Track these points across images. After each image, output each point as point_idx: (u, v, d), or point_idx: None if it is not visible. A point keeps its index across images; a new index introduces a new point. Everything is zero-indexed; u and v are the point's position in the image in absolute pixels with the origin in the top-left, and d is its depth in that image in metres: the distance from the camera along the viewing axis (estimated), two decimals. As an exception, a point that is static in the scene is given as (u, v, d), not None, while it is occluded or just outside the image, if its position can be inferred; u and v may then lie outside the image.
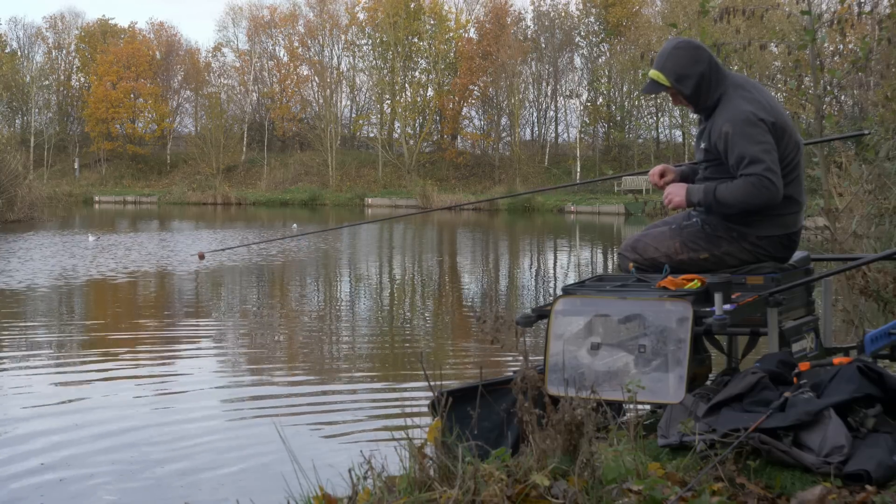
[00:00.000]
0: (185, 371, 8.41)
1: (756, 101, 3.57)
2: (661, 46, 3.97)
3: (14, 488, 5.10)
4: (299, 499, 2.79)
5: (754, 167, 3.49)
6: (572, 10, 61.21)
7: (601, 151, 56.70)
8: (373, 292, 15.16)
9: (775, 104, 3.64)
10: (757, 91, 3.64)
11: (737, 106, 3.56)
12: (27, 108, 63.14)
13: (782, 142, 3.57)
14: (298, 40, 63.02)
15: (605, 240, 28.47)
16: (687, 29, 16.38)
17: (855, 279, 5.82)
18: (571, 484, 2.46)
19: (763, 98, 3.61)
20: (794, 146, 3.62)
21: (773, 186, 3.48)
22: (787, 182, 3.59)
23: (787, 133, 3.59)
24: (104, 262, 17.99)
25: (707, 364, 3.80)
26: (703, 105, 3.66)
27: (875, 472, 2.50)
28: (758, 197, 3.49)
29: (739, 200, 3.52)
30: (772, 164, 3.48)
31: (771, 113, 3.55)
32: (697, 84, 3.60)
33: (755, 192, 3.49)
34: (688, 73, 3.58)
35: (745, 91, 3.61)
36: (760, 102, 3.56)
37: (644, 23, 52.21)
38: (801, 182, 3.68)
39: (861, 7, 7.81)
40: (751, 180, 3.49)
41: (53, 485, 5.15)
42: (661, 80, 3.62)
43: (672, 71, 3.60)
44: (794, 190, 3.63)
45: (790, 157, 3.60)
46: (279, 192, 55.98)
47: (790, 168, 3.60)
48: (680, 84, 3.60)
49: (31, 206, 34.40)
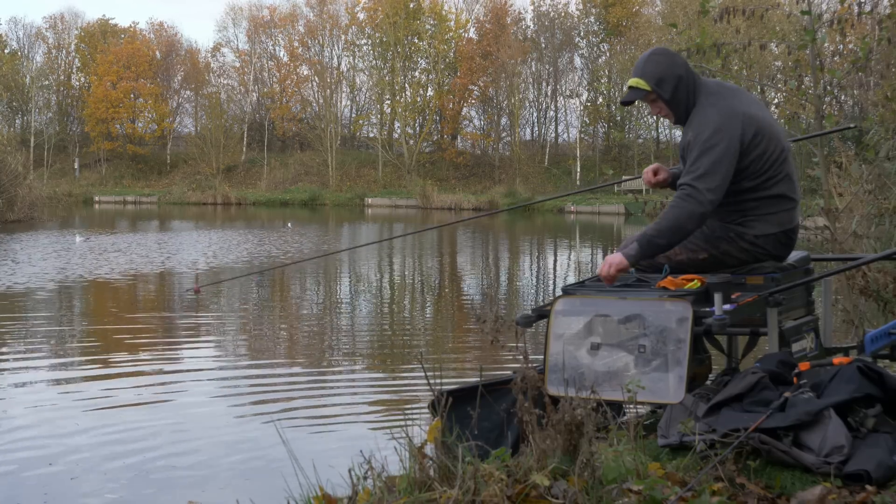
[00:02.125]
0: (186, 371, 8.41)
1: (726, 107, 3.55)
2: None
3: (16, 488, 5.10)
4: (299, 499, 2.79)
5: (682, 179, 3.53)
6: (572, 10, 61.32)
7: (601, 151, 56.70)
8: (373, 292, 15.16)
9: (751, 110, 3.60)
10: (730, 97, 3.63)
11: (704, 115, 3.57)
12: (27, 108, 63.13)
13: (759, 146, 3.55)
14: (298, 40, 63.02)
15: (605, 240, 28.46)
16: (687, 29, 16.37)
17: (855, 279, 5.83)
18: (571, 484, 2.46)
19: (734, 104, 3.58)
20: (777, 146, 3.60)
21: (693, 195, 3.46)
22: (776, 181, 3.60)
23: (766, 135, 3.57)
24: (87, 263, 17.98)
25: (707, 364, 3.80)
26: (682, 111, 3.67)
27: (875, 472, 2.50)
28: (682, 210, 3.47)
29: (667, 226, 3.49)
30: (705, 173, 3.47)
31: (743, 121, 3.53)
32: (675, 87, 3.61)
33: (678, 207, 3.48)
34: (666, 77, 3.60)
35: (716, 98, 3.60)
36: (729, 109, 3.55)
37: (644, 23, 52.17)
38: (793, 179, 3.68)
39: (861, 7, 7.81)
40: (678, 195, 3.51)
41: (55, 484, 5.15)
42: (641, 85, 3.63)
43: (652, 75, 3.62)
44: (785, 187, 3.63)
45: (773, 157, 3.58)
46: (279, 192, 55.97)
47: (776, 167, 3.59)
48: (660, 87, 3.61)
49: (31, 207, 34.39)
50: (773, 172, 3.59)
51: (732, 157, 3.50)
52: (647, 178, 3.91)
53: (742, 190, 3.60)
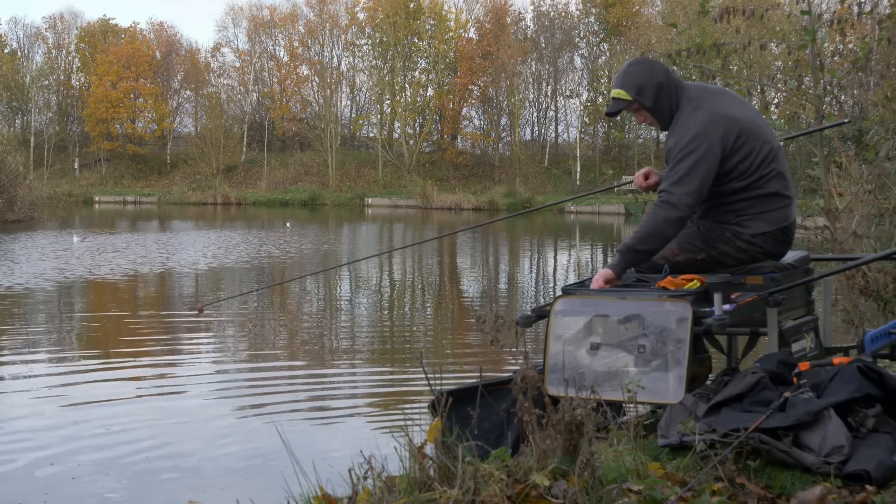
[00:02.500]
0: (186, 372, 8.41)
1: (707, 112, 3.58)
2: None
3: (17, 488, 5.10)
4: (299, 499, 2.80)
5: (664, 184, 3.58)
6: (572, 10, 61.33)
7: (601, 151, 56.71)
8: (373, 292, 15.16)
9: (733, 111, 3.61)
10: (711, 99, 3.65)
11: (685, 120, 3.61)
12: (27, 108, 63.13)
13: (744, 147, 3.57)
14: (298, 40, 63.03)
15: (605, 240, 28.46)
16: (687, 29, 16.37)
17: (855, 279, 5.83)
18: (571, 484, 2.46)
19: (715, 107, 3.60)
20: (765, 145, 3.61)
21: (669, 201, 3.51)
22: (767, 179, 3.61)
23: (751, 136, 3.58)
24: (85, 263, 17.99)
25: (707, 364, 3.80)
26: (665, 117, 3.69)
27: (875, 472, 2.50)
28: (658, 217, 3.53)
29: (646, 233, 3.55)
30: (681, 180, 3.51)
31: (724, 125, 3.55)
32: (657, 94, 3.64)
33: (655, 213, 3.54)
34: (646, 85, 3.64)
35: (698, 101, 3.63)
36: (710, 113, 3.57)
37: (644, 23, 52.19)
38: (786, 176, 3.69)
39: (861, 7, 7.82)
40: (656, 202, 3.58)
41: (56, 484, 5.15)
42: (622, 96, 3.68)
43: (632, 85, 3.66)
44: (778, 185, 3.64)
45: (762, 157, 3.59)
46: (279, 192, 55.97)
47: (765, 166, 3.60)
48: (640, 96, 3.65)
49: (31, 206, 34.40)
50: (762, 171, 3.60)
51: (712, 161, 3.53)
52: (639, 183, 3.94)
53: (733, 190, 3.62)
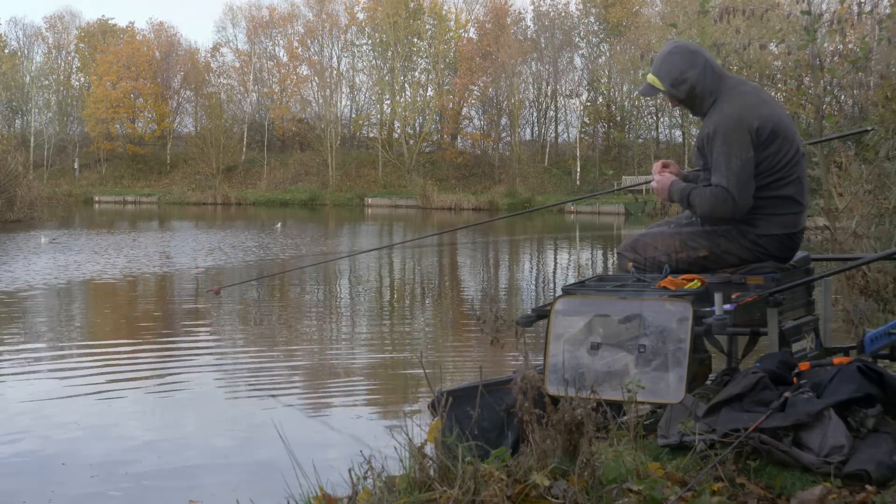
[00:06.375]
0: (186, 372, 8.40)
1: (747, 104, 3.58)
2: (661, 47, 3.99)
3: (18, 487, 5.10)
4: (299, 499, 2.79)
5: (718, 178, 3.56)
6: (572, 10, 61.29)
7: (601, 151, 56.70)
8: (372, 292, 15.16)
9: (769, 109, 3.62)
10: (751, 94, 3.64)
11: (723, 110, 3.60)
12: (27, 108, 63.11)
13: (773, 145, 3.57)
14: (298, 40, 63.00)
15: (605, 240, 28.46)
16: (687, 29, 16.38)
17: (855, 279, 5.83)
18: (571, 484, 2.46)
19: (755, 102, 3.60)
20: (791, 148, 3.61)
21: (730, 200, 3.55)
22: (786, 183, 3.60)
23: (781, 136, 3.58)
24: (79, 264, 17.98)
25: (707, 364, 3.80)
26: (698, 107, 3.70)
27: (875, 472, 2.50)
28: (718, 209, 3.58)
29: (705, 211, 3.63)
30: (737, 178, 3.52)
31: (760, 117, 3.55)
32: (692, 88, 3.64)
33: (716, 203, 3.58)
34: (682, 79, 3.64)
35: (737, 94, 3.63)
36: (750, 106, 3.57)
37: (644, 23, 52.16)
38: (803, 183, 3.68)
39: (861, 7, 7.82)
40: (714, 192, 3.58)
41: (57, 484, 5.15)
42: (657, 84, 3.69)
43: (667, 76, 3.66)
44: (795, 190, 3.63)
45: (787, 159, 3.59)
46: (279, 192, 55.96)
47: (787, 169, 3.60)
48: (675, 89, 3.66)
49: (31, 206, 34.38)
50: (784, 173, 3.60)
51: (751, 158, 3.55)
52: (656, 170, 3.93)
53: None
